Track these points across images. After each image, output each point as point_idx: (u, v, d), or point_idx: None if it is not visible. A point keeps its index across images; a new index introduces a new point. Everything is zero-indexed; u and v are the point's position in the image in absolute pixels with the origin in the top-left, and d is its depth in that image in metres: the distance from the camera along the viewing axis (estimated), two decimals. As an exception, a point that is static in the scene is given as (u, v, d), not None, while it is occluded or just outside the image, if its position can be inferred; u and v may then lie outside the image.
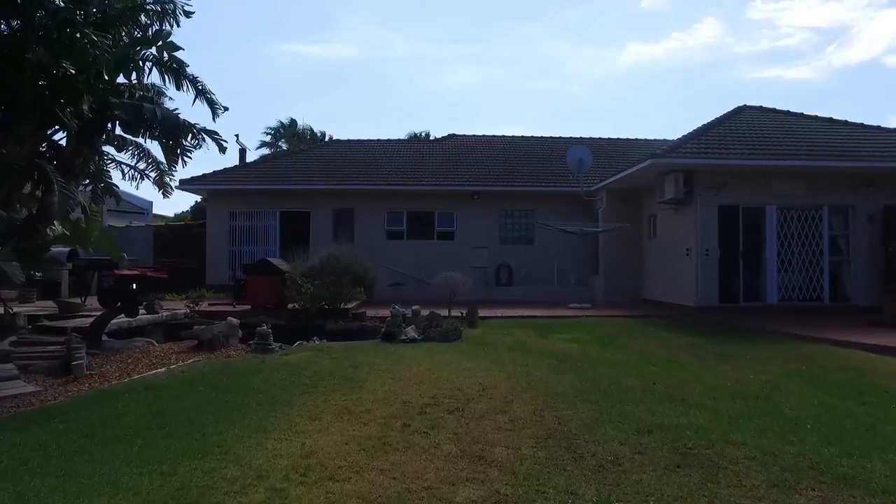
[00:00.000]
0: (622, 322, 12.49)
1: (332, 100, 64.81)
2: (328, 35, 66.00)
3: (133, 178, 10.72)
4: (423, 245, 18.63)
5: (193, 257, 18.85)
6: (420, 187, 18.34)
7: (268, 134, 35.15)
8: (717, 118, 16.22)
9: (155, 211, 32.37)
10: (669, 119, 68.71)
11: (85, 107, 6.04)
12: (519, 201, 18.79)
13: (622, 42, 67.88)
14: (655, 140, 21.77)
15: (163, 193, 11.43)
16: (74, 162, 7.32)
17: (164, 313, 11.39)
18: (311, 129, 35.39)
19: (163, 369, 6.75)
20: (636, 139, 23.12)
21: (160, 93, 9.95)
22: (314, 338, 9.62)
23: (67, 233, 7.60)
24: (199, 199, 25.65)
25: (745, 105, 17.30)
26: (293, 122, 35.51)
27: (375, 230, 18.70)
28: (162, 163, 11.01)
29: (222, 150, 8.49)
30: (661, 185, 14.18)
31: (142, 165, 10.74)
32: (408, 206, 18.81)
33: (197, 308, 12.01)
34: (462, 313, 12.45)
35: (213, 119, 8.41)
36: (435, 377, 6.62)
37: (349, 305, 13.32)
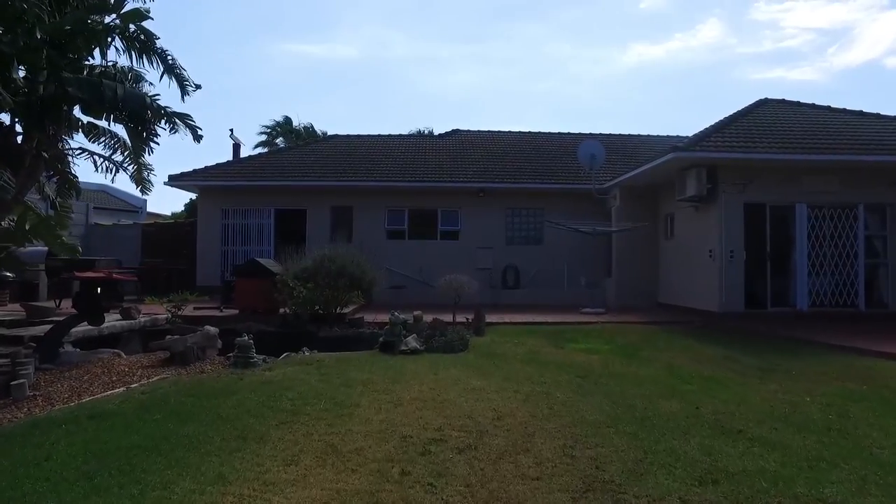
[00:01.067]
0: (641, 329, 11.49)
1: (333, 100, 64.22)
2: (329, 35, 65.26)
3: (109, 171, 9.74)
4: (426, 245, 17.65)
5: (183, 258, 17.88)
6: (422, 184, 17.35)
7: (263, 133, 34.25)
8: (737, 112, 15.21)
9: (150, 209, 31.47)
10: (673, 120, 67.99)
11: (18, 76, 5.08)
12: (527, 199, 17.78)
13: (624, 43, 67.09)
14: (669, 136, 20.79)
15: (141, 189, 10.48)
16: (23, 147, 6.37)
17: (143, 319, 10.41)
18: (312, 127, 34.53)
19: (121, 389, 5.76)
20: (648, 135, 22.17)
21: (138, 77, 8.98)
22: (304, 348, 8.63)
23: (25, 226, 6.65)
24: (193, 197, 24.70)
25: (766, 98, 16.29)
26: (288, 120, 34.61)
27: (375, 229, 17.71)
28: (141, 154, 10.04)
29: (196, 137, 7.51)
30: (682, 182, 13.18)
31: (118, 157, 9.79)
32: (409, 204, 17.82)
33: (180, 313, 11.02)
34: (467, 319, 11.48)
35: (182, 98, 7.44)
36: (440, 400, 5.63)
37: (346, 310, 12.34)
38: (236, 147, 20.57)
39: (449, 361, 7.80)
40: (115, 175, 9.75)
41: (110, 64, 8.51)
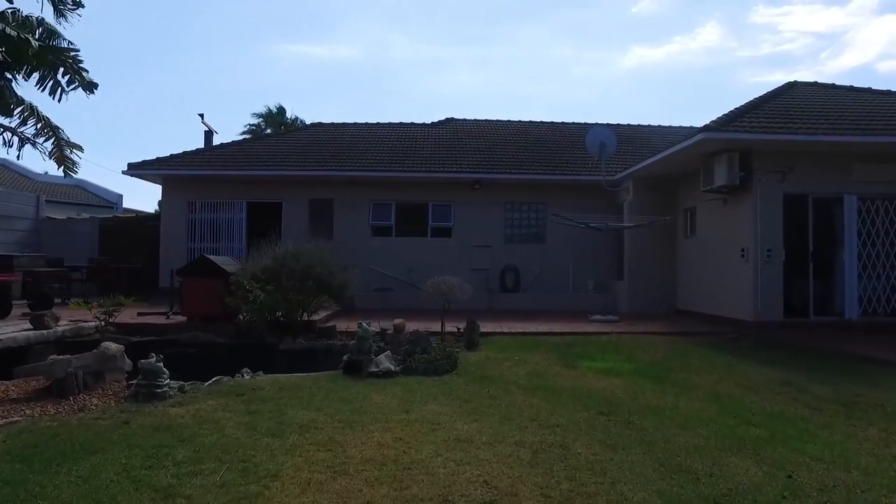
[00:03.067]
0: (664, 342, 9.64)
1: (334, 101, 63.00)
2: (332, 37, 63.96)
3: (8, 144, 7.92)
4: (415, 243, 15.79)
5: (145, 256, 15.98)
6: (411, 174, 15.49)
7: (251, 125, 32.42)
8: (767, 93, 13.38)
9: (128, 205, 29.53)
10: (674, 124, 66.72)
11: None
12: (528, 192, 15.93)
13: (625, 45, 66.01)
14: (682, 127, 18.98)
15: (64, 170, 8.66)
16: None
17: (62, 327, 8.54)
18: (304, 122, 32.78)
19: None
20: (660, 125, 20.39)
21: (53, 33, 7.12)
22: (244, 370, 6.77)
23: None
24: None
25: (795, 81, 14.49)
26: (281, 110, 32.74)
27: (358, 225, 15.85)
28: (59, 128, 8.21)
29: (87, 86, 5.68)
30: (709, 170, 11.35)
31: (30, 130, 7.96)
32: (397, 197, 15.96)
33: (112, 320, 9.15)
34: (458, 329, 9.68)
35: (56, 17, 5.59)
36: (406, 463, 3.77)
37: (316, 317, 10.49)
38: (208, 134, 18.68)
39: (429, 390, 5.95)
40: (20, 150, 7.92)
41: (9, 11, 6.69)
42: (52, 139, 8.16)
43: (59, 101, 7.02)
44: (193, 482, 3.35)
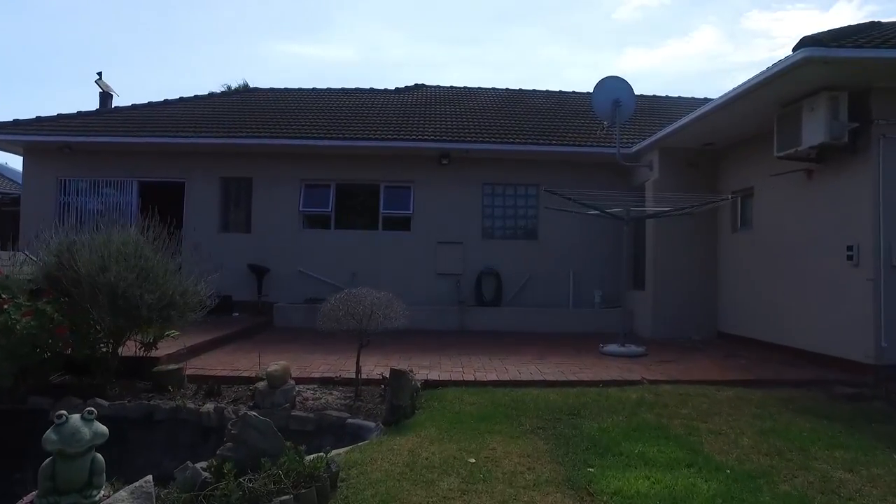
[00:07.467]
0: (737, 402, 5.55)
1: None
2: (325, 36, 60.93)
3: None
4: (361, 238, 11.63)
5: None
6: (356, 143, 11.27)
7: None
8: (848, 26, 9.24)
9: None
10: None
11: None
12: (514, 169, 11.74)
13: (620, 48, 63.66)
14: (707, 98, 14.87)
15: None
16: None
17: None
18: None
19: None
20: (680, 97, 16.27)
21: None
22: None
23: None
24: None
25: (877, 21, 10.39)
26: (246, 86, 28.49)
27: (285, 213, 11.66)
28: None
29: None
30: (790, 124, 7.26)
31: None
32: (337, 176, 11.78)
33: None
34: (384, 377, 5.68)
35: None
36: None
37: (159, 351, 6.34)
38: (105, 97, 14.45)
39: None
40: None
41: None
42: None
43: None
44: None
